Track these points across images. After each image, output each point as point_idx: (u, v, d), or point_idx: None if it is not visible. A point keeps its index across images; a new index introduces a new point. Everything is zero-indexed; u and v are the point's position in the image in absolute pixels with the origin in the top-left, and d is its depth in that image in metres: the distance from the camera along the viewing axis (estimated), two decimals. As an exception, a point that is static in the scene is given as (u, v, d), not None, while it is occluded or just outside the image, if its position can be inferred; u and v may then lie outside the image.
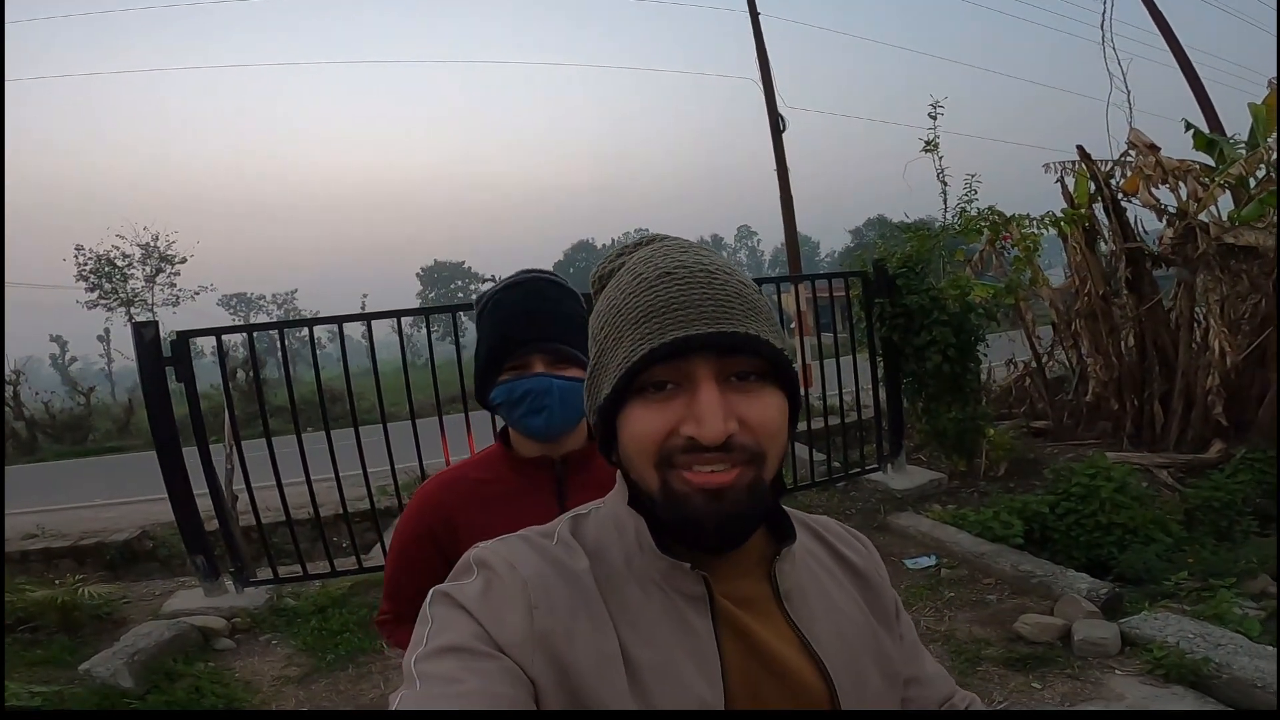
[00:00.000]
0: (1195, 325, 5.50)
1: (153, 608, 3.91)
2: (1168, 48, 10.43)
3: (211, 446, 3.84)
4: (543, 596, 0.59)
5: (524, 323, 1.11)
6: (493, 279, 24.79)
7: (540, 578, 0.61)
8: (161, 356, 3.64)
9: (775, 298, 4.96)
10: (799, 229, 12.42)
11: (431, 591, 0.62)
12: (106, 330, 30.70)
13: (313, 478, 3.86)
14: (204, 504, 3.86)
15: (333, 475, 3.87)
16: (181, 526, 3.82)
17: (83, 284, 21.34)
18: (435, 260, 67.48)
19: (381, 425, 3.87)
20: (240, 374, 12.75)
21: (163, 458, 3.70)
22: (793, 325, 5.53)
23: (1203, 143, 6.32)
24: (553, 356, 1.11)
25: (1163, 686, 2.66)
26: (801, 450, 5.54)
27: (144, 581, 4.64)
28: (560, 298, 1.13)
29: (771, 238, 75.33)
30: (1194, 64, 10.07)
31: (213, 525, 3.98)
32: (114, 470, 9.72)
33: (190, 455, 3.76)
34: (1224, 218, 5.54)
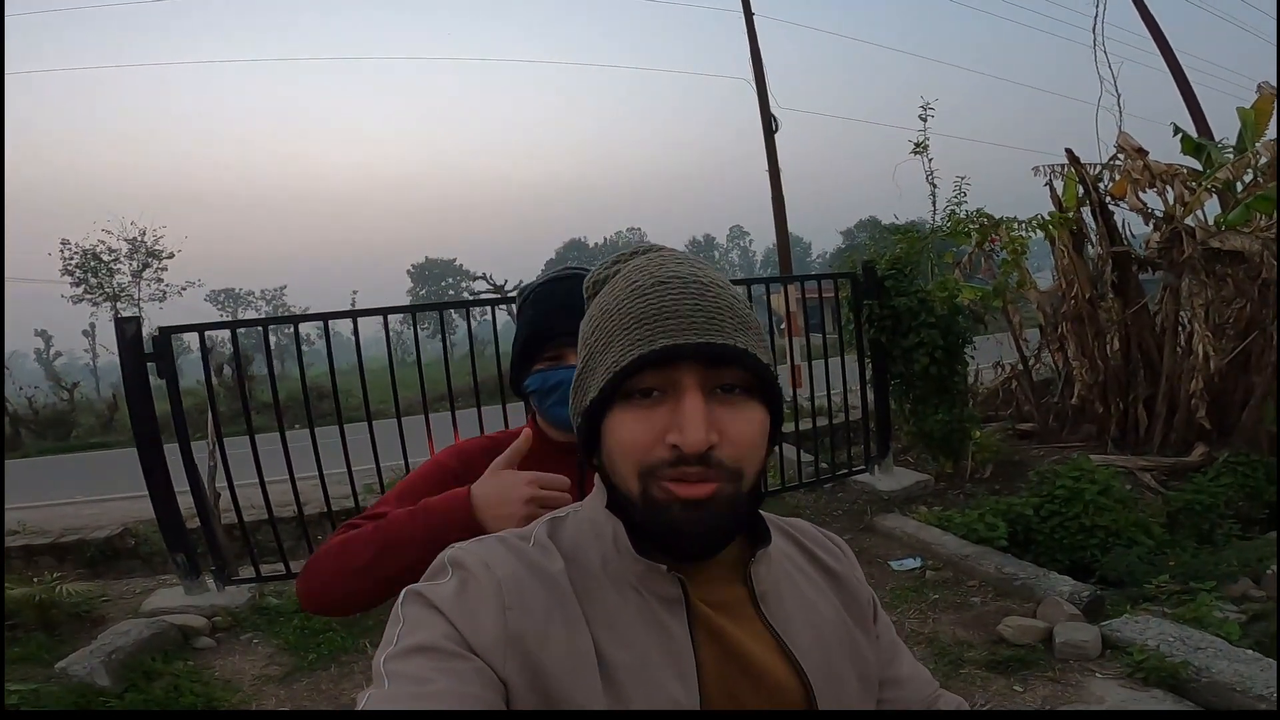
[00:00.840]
0: (1180, 329, 5.54)
1: (132, 606, 3.87)
2: (1159, 52, 10.50)
3: (194, 443, 3.80)
4: (517, 598, 0.59)
5: (562, 316, 1.14)
6: (484, 277, 24.67)
7: (515, 579, 0.60)
8: (143, 352, 3.60)
9: (765, 298, 4.96)
10: (791, 230, 12.46)
11: (404, 591, 0.61)
12: (92, 325, 30.49)
13: (297, 475, 3.83)
14: (185, 501, 3.82)
15: (316, 473, 3.84)
16: (162, 524, 3.78)
17: (68, 278, 21.12)
18: (426, 257, 67.22)
19: (367, 423, 3.85)
20: (226, 370, 12.65)
21: (144, 454, 3.66)
22: (782, 326, 5.53)
23: (1190, 147, 6.37)
24: None
25: (1142, 689, 2.68)
26: (789, 451, 5.54)
27: (124, 579, 4.59)
28: None
29: (764, 238, 75.46)
30: (1184, 68, 10.15)
31: (195, 523, 3.95)
32: (97, 466, 9.62)
33: (172, 452, 3.72)
34: (1210, 222, 5.59)
